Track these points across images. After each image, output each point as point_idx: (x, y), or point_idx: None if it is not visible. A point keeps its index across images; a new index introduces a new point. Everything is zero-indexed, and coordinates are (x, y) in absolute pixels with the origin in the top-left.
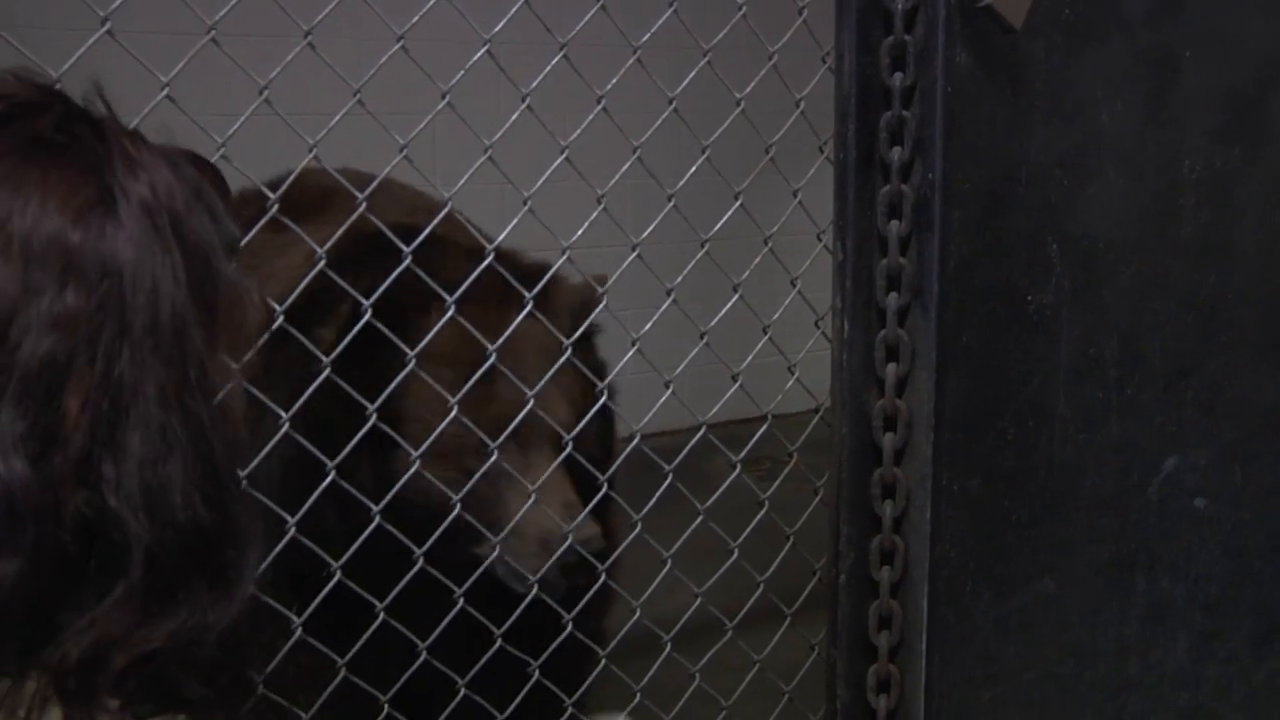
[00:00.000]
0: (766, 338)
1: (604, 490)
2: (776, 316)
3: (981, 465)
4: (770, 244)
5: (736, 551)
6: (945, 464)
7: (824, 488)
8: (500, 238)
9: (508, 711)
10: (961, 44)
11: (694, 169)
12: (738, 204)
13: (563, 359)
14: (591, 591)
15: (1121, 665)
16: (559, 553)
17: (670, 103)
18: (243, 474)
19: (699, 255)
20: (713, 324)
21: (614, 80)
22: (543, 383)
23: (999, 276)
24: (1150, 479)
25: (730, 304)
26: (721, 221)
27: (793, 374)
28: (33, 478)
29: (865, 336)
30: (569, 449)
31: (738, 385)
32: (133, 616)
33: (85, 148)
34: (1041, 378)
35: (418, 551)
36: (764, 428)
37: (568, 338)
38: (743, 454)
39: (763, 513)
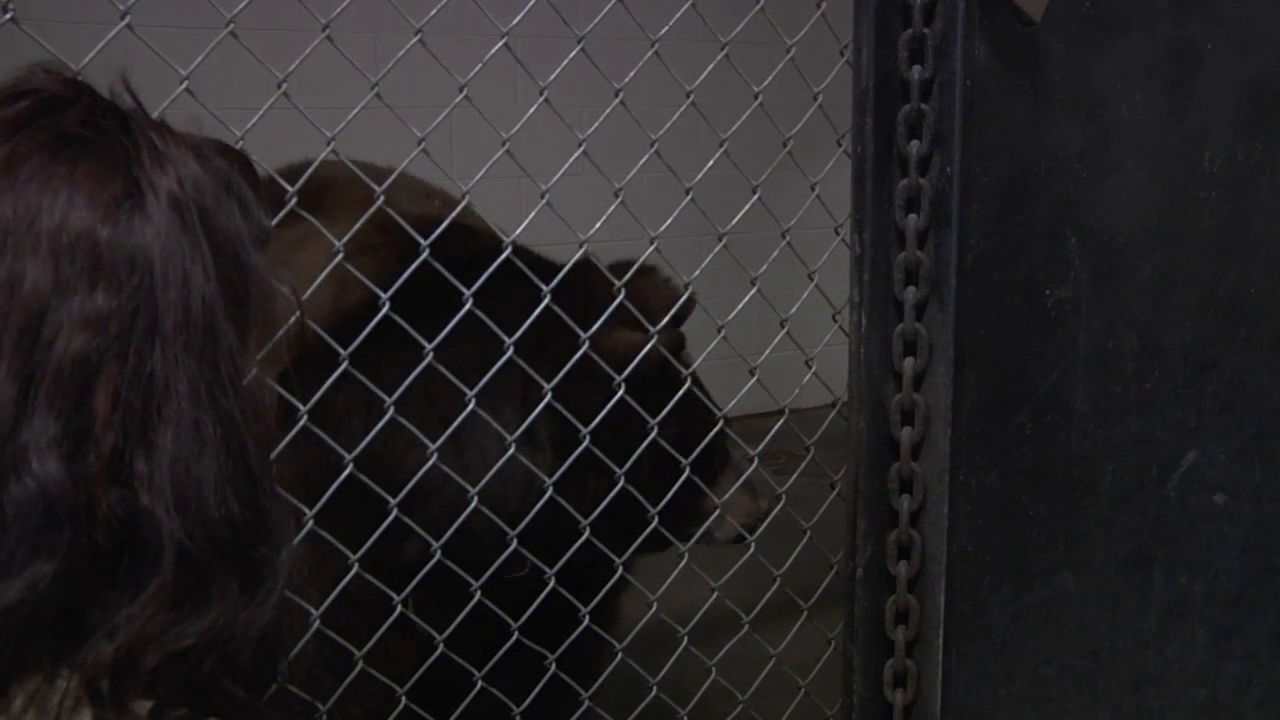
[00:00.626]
0: (784, 332)
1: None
2: (794, 310)
3: (999, 460)
4: (788, 238)
5: (753, 545)
6: (963, 458)
7: (841, 482)
8: (518, 230)
9: (524, 704)
10: (980, 37)
11: (711, 162)
12: (755, 198)
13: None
14: (609, 584)
15: (1140, 661)
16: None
17: (688, 96)
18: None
19: (716, 249)
20: (730, 318)
21: (631, 73)
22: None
23: (1017, 270)
24: (1169, 474)
25: (748, 298)
26: (739, 215)
27: (810, 368)
28: (67, 478)
29: (883, 330)
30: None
31: (755, 379)
32: (165, 614)
33: (112, 142)
34: (1060, 372)
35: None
36: (781, 421)
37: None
38: (760, 447)
39: (779, 506)
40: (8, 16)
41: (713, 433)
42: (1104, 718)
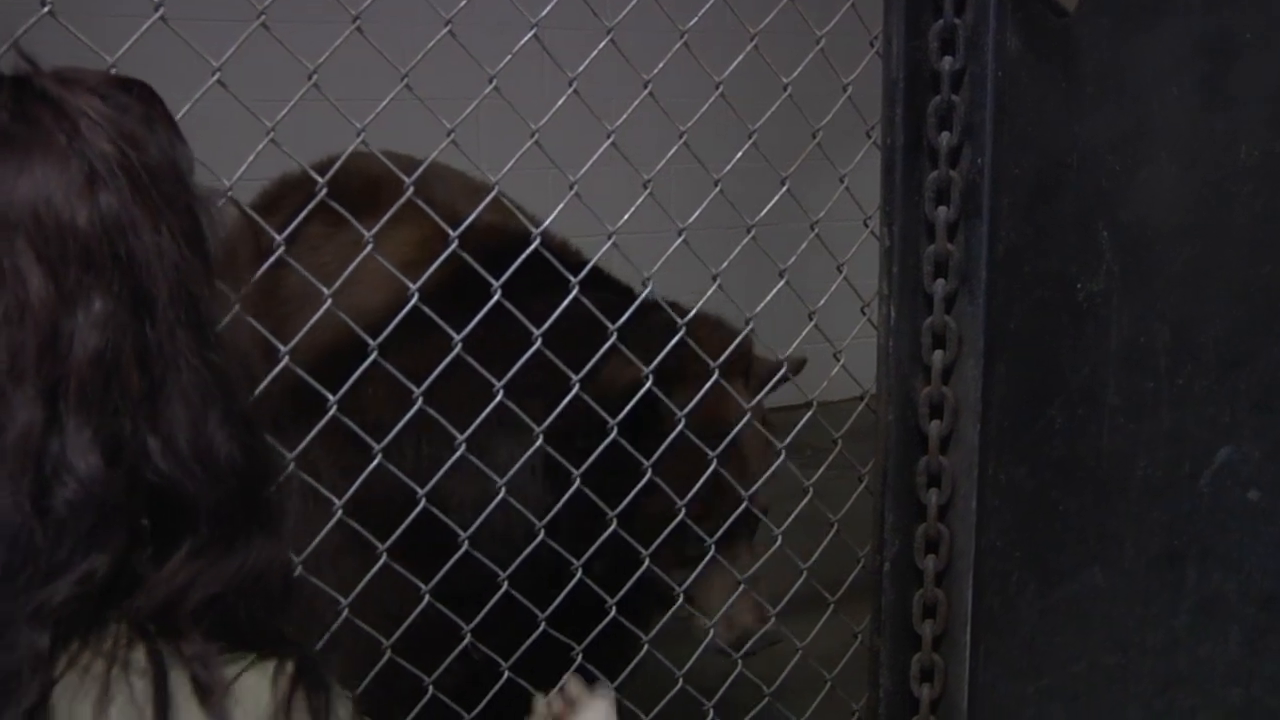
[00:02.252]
0: (812, 324)
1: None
2: (822, 303)
3: (1029, 454)
4: (816, 230)
5: (781, 538)
6: (992, 452)
7: (869, 475)
8: (546, 221)
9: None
10: (1012, 28)
11: (740, 154)
12: (784, 189)
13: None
14: (633, 579)
15: (1171, 659)
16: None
17: (717, 87)
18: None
19: (745, 241)
20: (759, 310)
21: (660, 65)
22: (759, 482)
23: (1048, 263)
24: (1202, 470)
25: (776, 290)
26: (768, 207)
27: (838, 360)
28: (109, 472)
29: (912, 323)
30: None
31: (783, 372)
32: (198, 565)
33: (50, 127)
34: (1091, 366)
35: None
36: (809, 413)
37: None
38: (788, 439)
39: (807, 499)
40: (45, 10)
41: (735, 512)
42: (1133, 716)
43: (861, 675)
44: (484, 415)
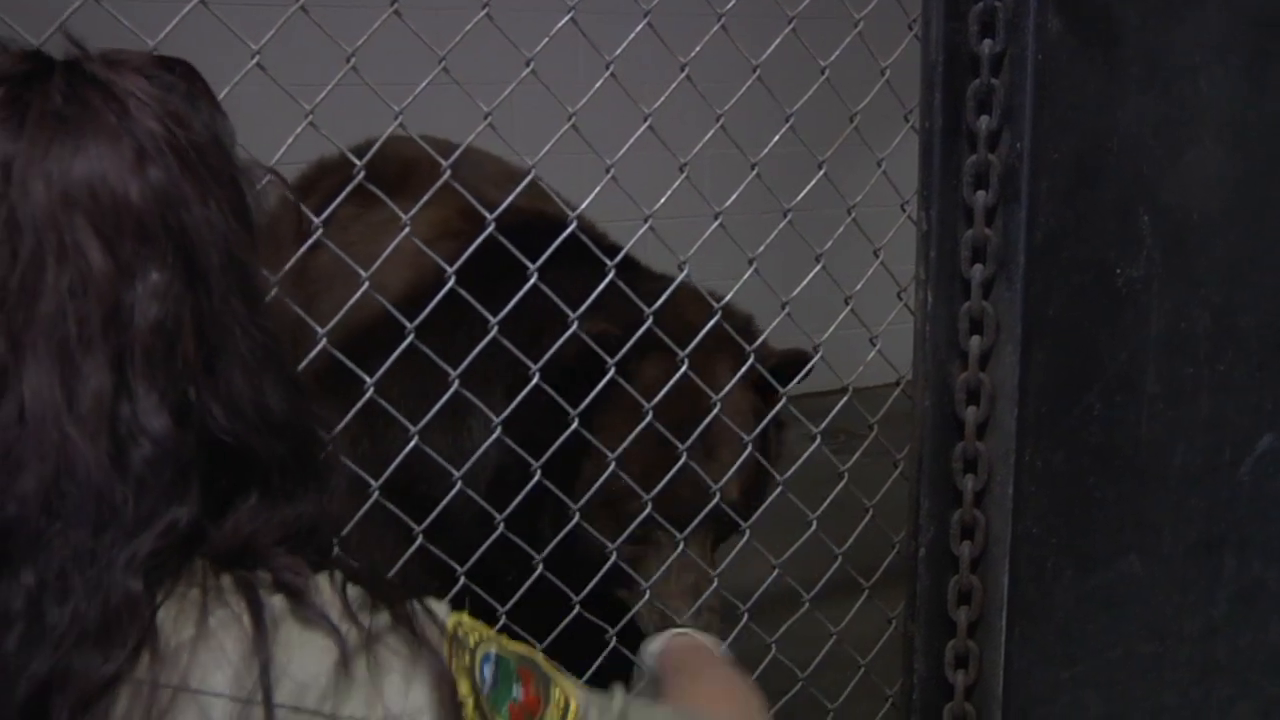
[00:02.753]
0: (848, 309)
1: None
2: (859, 288)
3: (1066, 440)
4: (853, 214)
5: (815, 523)
6: (1029, 439)
7: (904, 461)
8: (582, 206)
9: (585, 677)
10: (1054, 9)
11: (777, 138)
12: (821, 173)
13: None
14: (664, 568)
15: (1209, 648)
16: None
17: (754, 70)
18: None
19: (781, 225)
20: (795, 294)
21: (697, 48)
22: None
23: (1087, 248)
24: (1243, 458)
25: (812, 275)
26: (805, 191)
27: (874, 346)
28: (180, 432)
29: (949, 309)
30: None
31: (819, 356)
32: (268, 512)
33: (101, 109)
34: (1130, 352)
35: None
36: (845, 399)
37: (764, 406)
38: (823, 424)
39: (842, 484)
40: None
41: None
42: (1170, 704)
43: (896, 661)
44: (444, 399)
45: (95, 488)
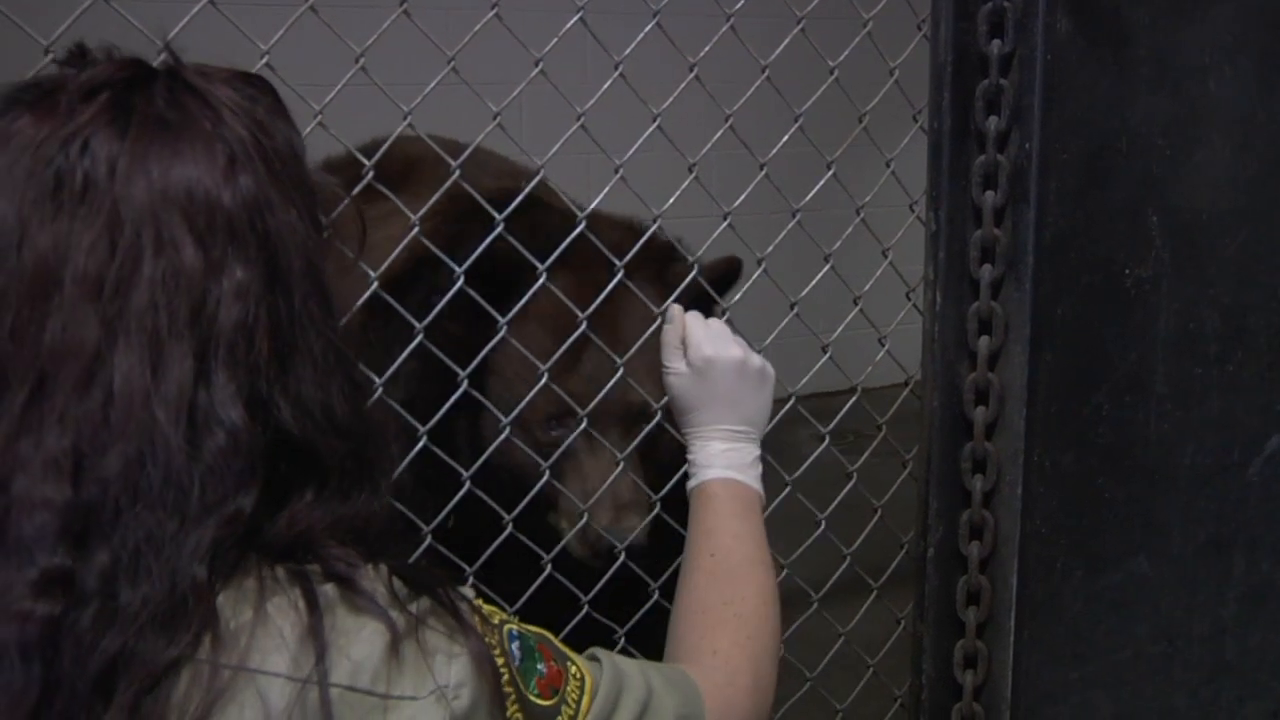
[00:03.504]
0: (857, 309)
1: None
2: (867, 288)
3: (1075, 441)
4: (862, 214)
5: (824, 523)
6: (1038, 439)
7: (913, 461)
8: (592, 205)
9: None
10: (1062, 10)
11: (786, 138)
12: (830, 173)
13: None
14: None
15: (1218, 649)
16: (619, 546)
17: (763, 71)
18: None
19: (790, 225)
20: (803, 294)
21: (706, 48)
22: (799, 384)
23: (1096, 249)
24: (1252, 458)
25: (821, 274)
26: (813, 191)
27: (883, 346)
28: (251, 425)
29: (958, 309)
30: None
31: (827, 357)
32: (322, 510)
33: (198, 115)
34: (1139, 353)
35: (506, 517)
36: (853, 399)
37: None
38: (832, 425)
39: (851, 484)
40: None
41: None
42: (1179, 704)
43: (904, 661)
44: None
45: (174, 472)
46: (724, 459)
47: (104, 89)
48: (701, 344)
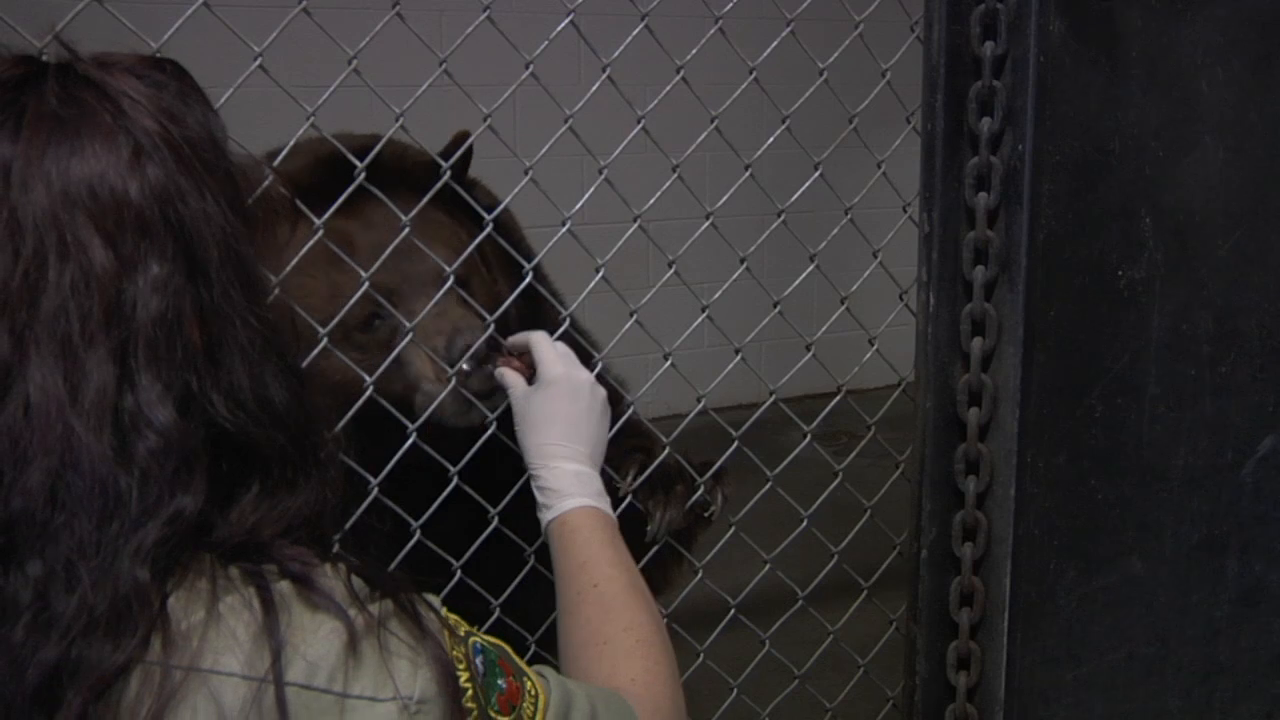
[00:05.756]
0: (843, 308)
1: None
2: (855, 288)
3: (1068, 442)
4: (851, 216)
5: (807, 520)
6: (1030, 440)
7: (905, 463)
8: (576, 207)
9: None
10: (1055, 11)
11: (772, 139)
12: (817, 174)
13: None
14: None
15: (1211, 649)
16: (474, 346)
17: (751, 73)
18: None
19: (775, 224)
20: (787, 294)
21: (694, 50)
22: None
23: (1089, 250)
24: (1245, 459)
25: (805, 274)
26: (800, 191)
27: (873, 345)
28: (183, 422)
29: (950, 310)
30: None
31: (810, 355)
32: (271, 503)
33: (96, 108)
34: (1131, 354)
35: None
36: (836, 399)
37: (449, 211)
38: (814, 424)
39: (836, 483)
40: None
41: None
42: (1173, 706)
43: (896, 662)
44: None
45: (100, 479)
46: (578, 485)
47: None
48: (553, 363)
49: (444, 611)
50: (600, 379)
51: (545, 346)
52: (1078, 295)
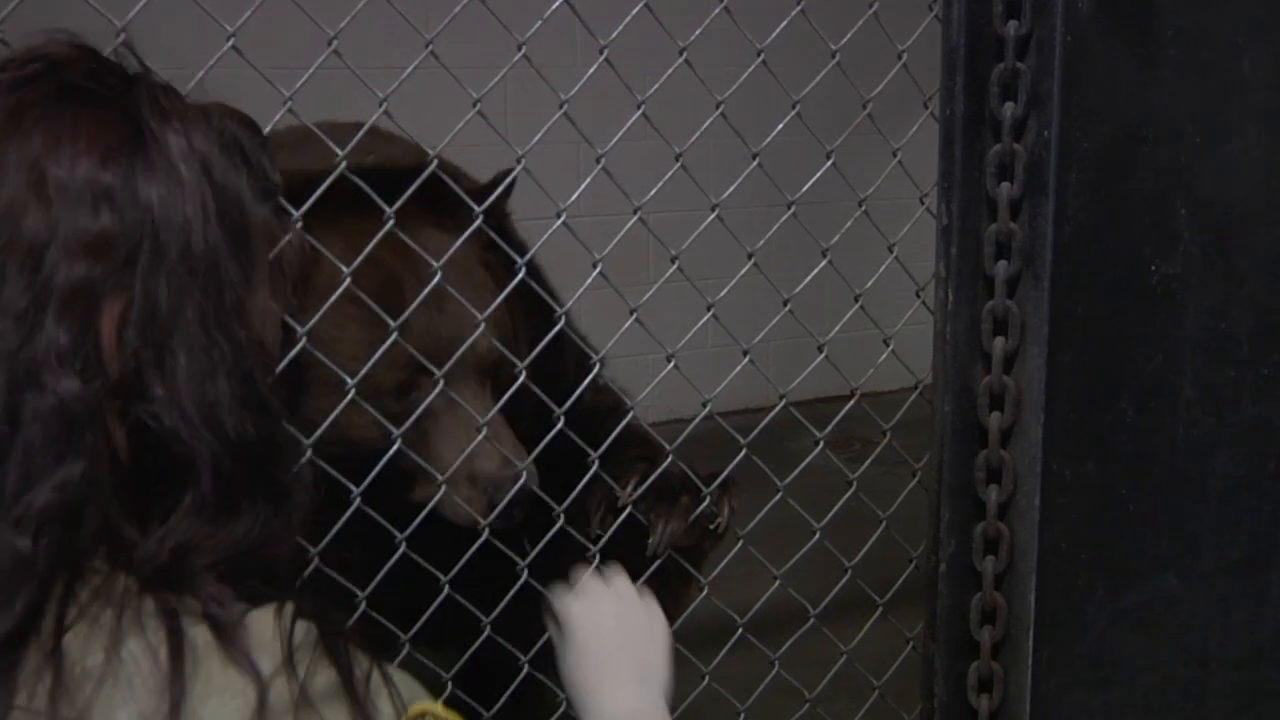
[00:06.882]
0: (857, 305)
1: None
2: (870, 285)
3: (1097, 449)
4: (865, 207)
5: (819, 533)
6: (1056, 446)
7: (923, 470)
8: (573, 198)
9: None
10: None
11: (782, 125)
12: (829, 163)
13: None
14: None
15: (1254, 673)
16: (507, 497)
17: (758, 54)
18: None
19: (784, 217)
20: (797, 290)
21: (698, 31)
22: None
23: (1119, 244)
24: None
25: (817, 270)
26: (811, 182)
27: (888, 346)
28: (83, 392)
29: (971, 308)
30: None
31: (823, 356)
32: (203, 526)
33: (115, 96)
34: (1165, 354)
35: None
36: (851, 402)
37: (482, 249)
38: (827, 430)
39: (850, 493)
40: None
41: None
42: None
43: (912, 684)
44: None
45: None
46: None
47: None
48: (568, 607)
49: (417, 709)
50: (603, 387)
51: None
52: (1107, 292)
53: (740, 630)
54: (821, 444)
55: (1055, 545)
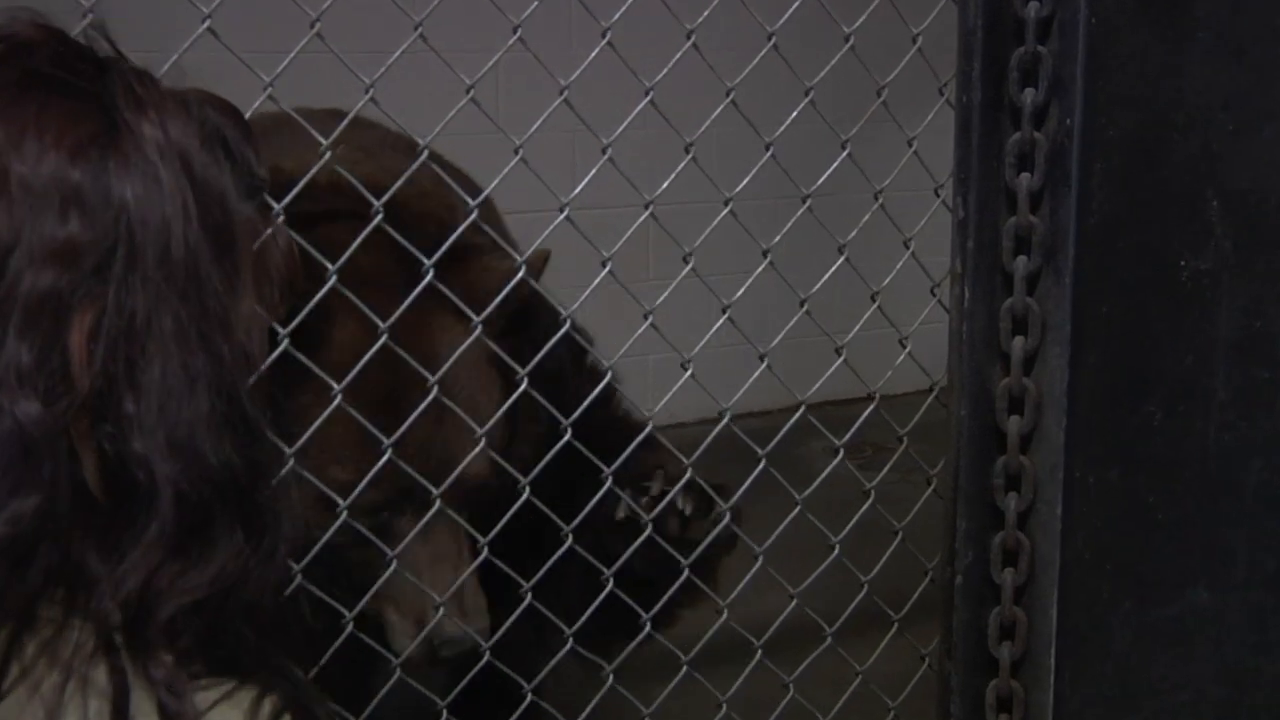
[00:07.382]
0: (875, 306)
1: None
2: (887, 282)
3: (1122, 455)
4: (881, 199)
5: (838, 548)
6: (1079, 452)
7: (939, 478)
8: (575, 191)
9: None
10: None
11: (795, 114)
12: (845, 154)
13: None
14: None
15: None
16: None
17: (769, 39)
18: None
19: (800, 212)
20: (814, 290)
21: (705, 13)
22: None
23: (1147, 238)
24: None
25: (835, 268)
26: (826, 174)
27: (904, 348)
28: (45, 415)
29: (989, 305)
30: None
31: (841, 360)
32: (171, 563)
33: (85, 84)
34: (1196, 355)
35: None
36: (870, 408)
37: (497, 341)
38: (846, 438)
39: (868, 504)
40: None
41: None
42: None
43: (928, 704)
44: None
45: None
46: None
47: None
48: None
49: None
50: (615, 404)
51: None
52: (1133, 288)
53: (759, 655)
54: (841, 453)
55: (1078, 556)
